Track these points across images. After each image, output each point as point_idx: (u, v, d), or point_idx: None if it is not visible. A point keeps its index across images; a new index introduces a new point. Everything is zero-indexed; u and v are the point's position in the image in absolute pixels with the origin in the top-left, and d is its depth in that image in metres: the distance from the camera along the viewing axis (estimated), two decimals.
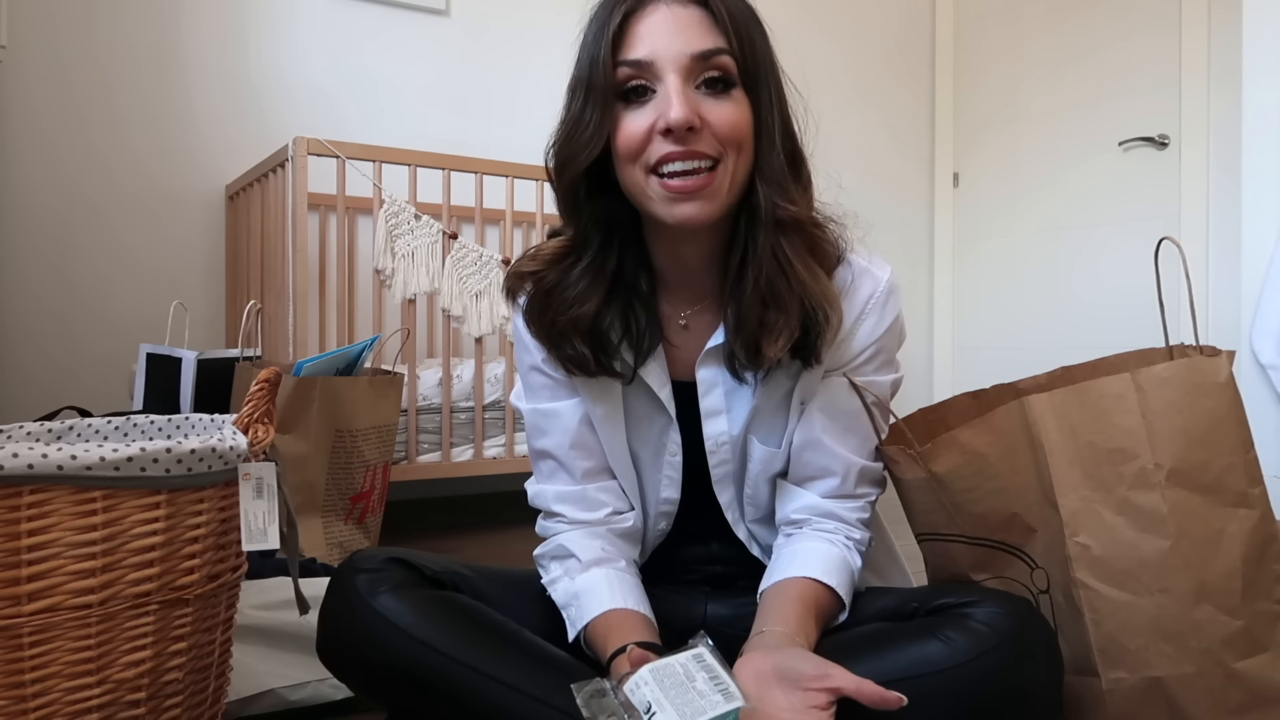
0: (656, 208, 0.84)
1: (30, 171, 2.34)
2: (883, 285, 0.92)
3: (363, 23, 2.76)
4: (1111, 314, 3.22)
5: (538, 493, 1.00)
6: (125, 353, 2.34)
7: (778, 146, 0.86)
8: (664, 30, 0.82)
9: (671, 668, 0.70)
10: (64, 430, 1.06)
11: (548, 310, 0.91)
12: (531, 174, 2.31)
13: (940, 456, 0.90)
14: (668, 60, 0.81)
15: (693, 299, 0.95)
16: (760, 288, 0.85)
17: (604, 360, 0.91)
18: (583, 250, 0.90)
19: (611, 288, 0.91)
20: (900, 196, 3.82)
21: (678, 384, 0.95)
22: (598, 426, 0.96)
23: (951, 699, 0.76)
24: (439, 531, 2.31)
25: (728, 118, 0.82)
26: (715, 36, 0.82)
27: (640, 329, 0.92)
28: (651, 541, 1.02)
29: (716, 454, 0.95)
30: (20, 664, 0.78)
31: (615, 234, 0.90)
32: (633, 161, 0.84)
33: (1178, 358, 0.88)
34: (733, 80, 0.83)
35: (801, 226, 0.86)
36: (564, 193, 0.89)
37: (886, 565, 1.06)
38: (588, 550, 0.93)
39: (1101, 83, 3.28)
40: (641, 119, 0.82)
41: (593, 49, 0.84)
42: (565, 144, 0.86)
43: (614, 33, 0.82)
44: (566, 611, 0.90)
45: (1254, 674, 0.80)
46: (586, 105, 0.84)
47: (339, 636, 0.86)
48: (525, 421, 1.00)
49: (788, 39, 0.94)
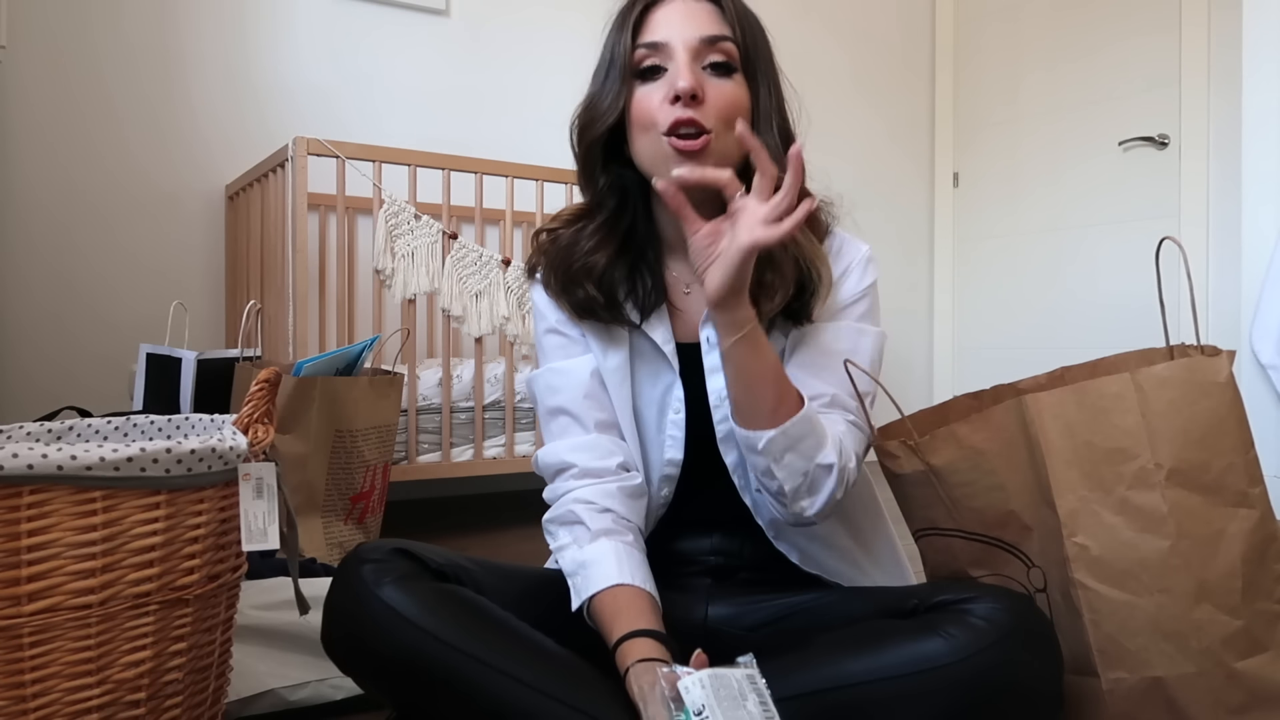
0: (666, 169, 0.92)
1: (30, 172, 2.34)
2: (864, 251, 1.03)
3: (363, 22, 2.76)
4: (1111, 314, 3.22)
5: (549, 451, 1.02)
6: (125, 353, 2.34)
7: (774, 128, 0.97)
8: (677, 18, 0.95)
9: (728, 680, 0.72)
10: (64, 430, 1.06)
11: (563, 260, 1.01)
12: (531, 174, 2.31)
13: (938, 450, 0.91)
14: (679, 41, 0.93)
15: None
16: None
17: (614, 308, 1.00)
18: (598, 212, 1.01)
19: (621, 248, 1.01)
20: (900, 196, 3.82)
21: (682, 346, 1.02)
22: (607, 379, 1.02)
23: (952, 695, 0.76)
24: (439, 532, 2.31)
25: (727, 95, 0.94)
26: (722, 25, 0.95)
27: (646, 289, 1.01)
28: (655, 511, 1.03)
29: (721, 408, 0.98)
30: (20, 664, 0.78)
31: (629, 201, 1.01)
32: (646, 130, 0.94)
33: (1178, 358, 0.88)
34: (734, 66, 0.95)
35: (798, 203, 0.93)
36: (583, 156, 1.01)
37: (888, 561, 1.07)
38: (597, 520, 0.94)
39: (1101, 82, 3.28)
40: (655, 92, 0.94)
41: (615, 35, 0.97)
42: (587, 111, 0.99)
43: (635, 21, 0.96)
44: (572, 580, 0.92)
45: (1254, 674, 0.80)
46: (607, 80, 0.97)
47: (344, 626, 0.87)
48: (539, 388, 1.05)
49: (789, 39, 1.00)
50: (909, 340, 3.80)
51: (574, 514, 0.95)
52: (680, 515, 1.03)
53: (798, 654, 0.83)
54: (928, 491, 0.93)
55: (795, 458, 0.87)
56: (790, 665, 0.81)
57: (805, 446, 0.87)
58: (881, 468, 0.98)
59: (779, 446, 0.87)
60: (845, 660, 0.80)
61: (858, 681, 0.78)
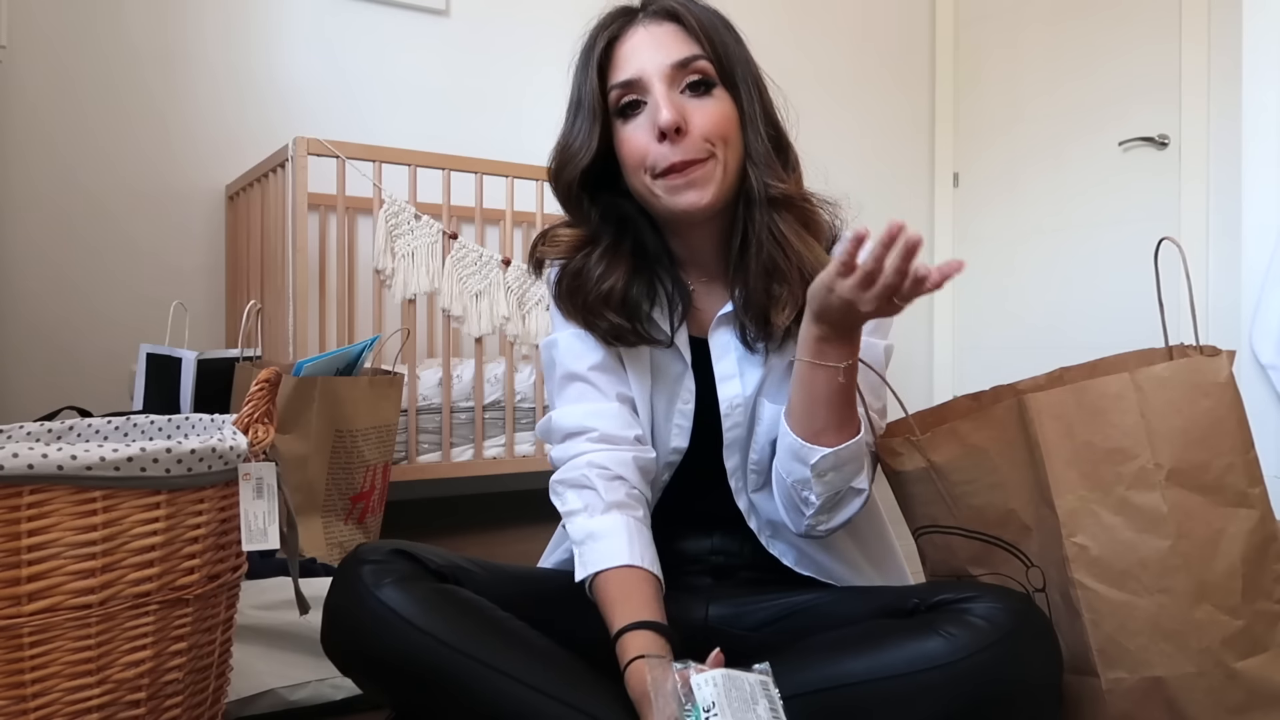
0: (663, 203, 0.95)
1: (30, 171, 2.34)
2: None
3: (363, 22, 2.76)
4: (1111, 314, 3.22)
5: (565, 414, 1.00)
6: (125, 353, 2.34)
7: (762, 134, 0.96)
8: (645, 48, 0.94)
9: (740, 682, 0.73)
10: (64, 430, 1.06)
11: (578, 291, 1.00)
12: (531, 174, 2.31)
13: (940, 447, 0.91)
14: (652, 72, 0.93)
15: (705, 277, 1.04)
16: (763, 262, 0.95)
17: (640, 329, 0.99)
18: (599, 239, 1.01)
19: (635, 267, 1.00)
20: (900, 196, 3.82)
21: (694, 340, 1.02)
22: (628, 360, 1.02)
23: (952, 694, 0.76)
24: (439, 532, 2.31)
25: (710, 115, 0.93)
26: (691, 45, 0.94)
27: (670, 292, 1.01)
28: (655, 495, 1.03)
29: (730, 416, 0.99)
30: (20, 664, 0.78)
31: (629, 224, 1.01)
32: (639, 169, 0.94)
33: (1178, 358, 0.88)
34: (712, 81, 0.94)
35: (793, 202, 0.96)
36: (563, 195, 1.01)
37: (886, 562, 1.07)
38: (610, 489, 0.94)
39: (1101, 82, 3.28)
40: (640, 131, 0.94)
41: (582, 75, 0.97)
42: (561, 153, 0.99)
43: (599, 57, 0.95)
44: (579, 549, 0.91)
45: (1254, 674, 0.80)
46: (578, 119, 0.97)
47: (344, 627, 0.87)
48: (559, 351, 1.02)
49: (789, 40, 1.00)
50: (909, 340, 3.80)
51: (587, 479, 0.94)
52: (681, 514, 1.04)
53: (798, 653, 0.83)
54: (929, 489, 0.93)
55: (836, 476, 0.89)
56: (790, 664, 0.81)
57: (849, 470, 0.89)
58: (882, 465, 0.99)
59: (827, 465, 0.88)
60: (846, 659, 0.80)
61: (858, 680, 0.79)
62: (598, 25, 0.98)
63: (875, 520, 1.08)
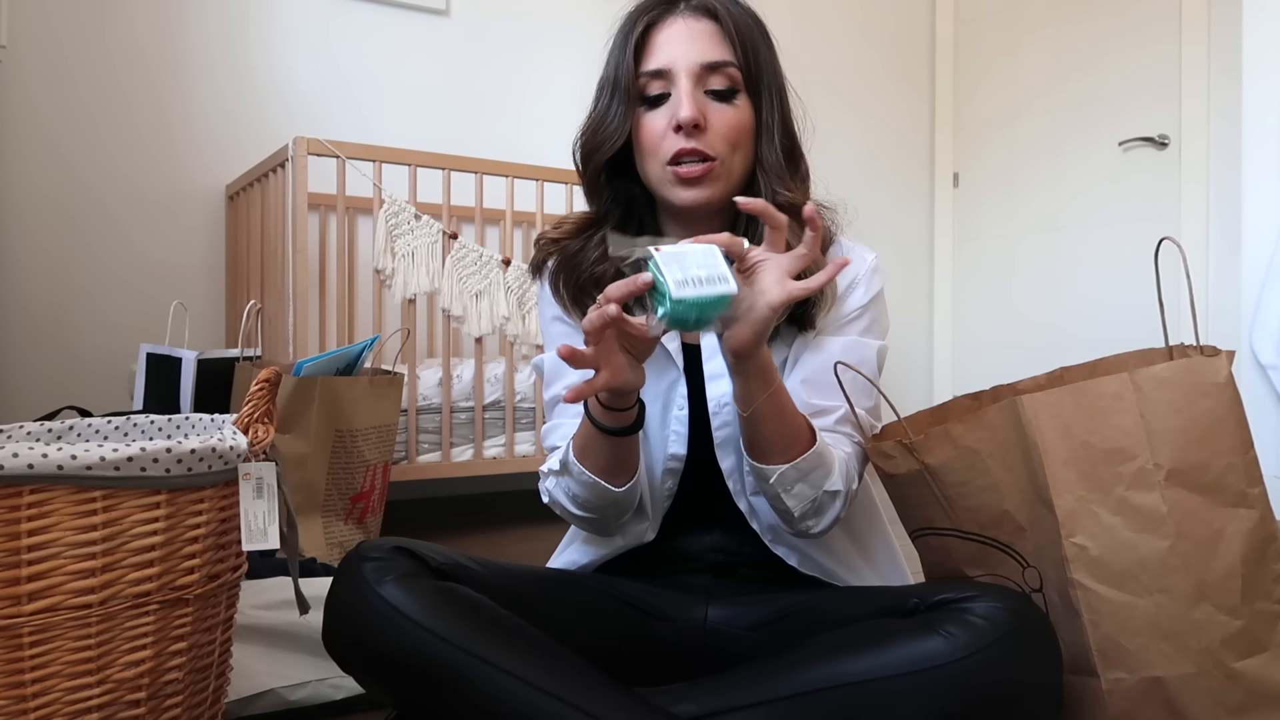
0: (670, 192, 0.97)
1: (30, 172, 2.34)
2: (870, 261, 1.03)
3: (363, 22, 2.76)
4: (1111, 314, 3.22)
5: (554, 426, 1.03)
6: (125, 353, 2.34)
7: (776, 144, 0.98)
8: (679, 40, 0.96)
9: (684, 249, 0.77)
10: (64, 430, 1.06)
11: (572, 272, 1.02)
12: (532, 174, 2.31)
13: (933, 449, 0.91)
14: (681, 67, 0.95)
15: None
16: None
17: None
18: (604, 223, 1.03)
19: None
20: (900, 196, 3.82)
21: (686, 346, 1.03)
22: None
23: (952, 693, 0.76)
24: (439, 531, 2.31)
25: (729, 121, 0.95)
26: (724, 49, 0.96)
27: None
28: (660, 504, 1.03)
29: (720, 415, 0.99)
30: (20, 664, 0.78)
31: (634, 211, 1.04)
32: (652, 155, 0.97)
33: (1177, 358, 0.88)
34: (737, 88, 0.96)
35: (798, 212, 0.94)
36: (589, 177, 1.02)
37: (886, 562, 1.07)
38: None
39: (1101, 82, 3.28)
40: (660, 120, 0.96)
41: (619, 55, 0.98)
42: (592, 135, 1.00)
43: (636, 41, 0.97)
44: (564, 458, 0.95)
45: (1254, 674, 0.80)
46: (612, 103, 0.98)
47: (345, 624, 0.87)
48: (547, 371, 1.06)
49: (788, 40, 1.01)
50: (909, 340, 3.80)
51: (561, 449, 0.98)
52: (681, 512, 1.04)
53: (798, 652, 0.83)
54: (923, 491, 0.93)
55: (805, 487, 0.90)
56: (790, 664, 0.81)
57: (815, 477, 0.90)
58: (876, 469, 0.99)
59: (790, 479, 0.89)
60: (845, 659, 0.80)
61: (858, 680, 0.78)
62: (639, 8, 0.99)
63: (875, 521, 1.08)
